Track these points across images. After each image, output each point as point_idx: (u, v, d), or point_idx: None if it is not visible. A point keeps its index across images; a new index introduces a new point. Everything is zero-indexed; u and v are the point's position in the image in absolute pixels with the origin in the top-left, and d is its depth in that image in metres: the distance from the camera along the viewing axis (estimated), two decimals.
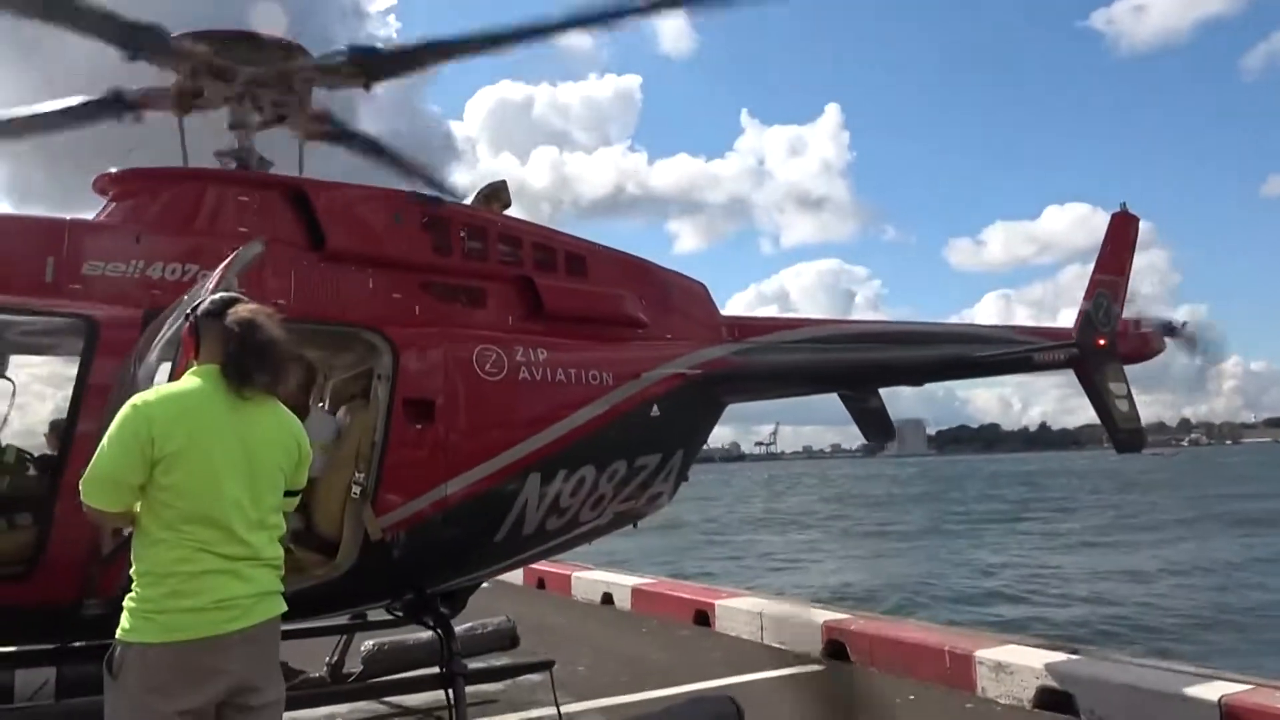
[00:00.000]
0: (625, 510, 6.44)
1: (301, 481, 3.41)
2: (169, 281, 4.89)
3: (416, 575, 5.34)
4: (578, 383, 5.94)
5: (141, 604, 2.96)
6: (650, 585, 10.95)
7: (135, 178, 5.40)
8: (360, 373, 5.71)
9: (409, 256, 5.63)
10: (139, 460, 2.96)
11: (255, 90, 5.65)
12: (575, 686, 7.22)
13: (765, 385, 7.48)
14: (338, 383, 6.21)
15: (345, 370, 6.05)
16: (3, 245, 4.76)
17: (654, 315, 6.68)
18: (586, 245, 6.63)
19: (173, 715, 2.89)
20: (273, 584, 3.18)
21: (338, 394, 6.15)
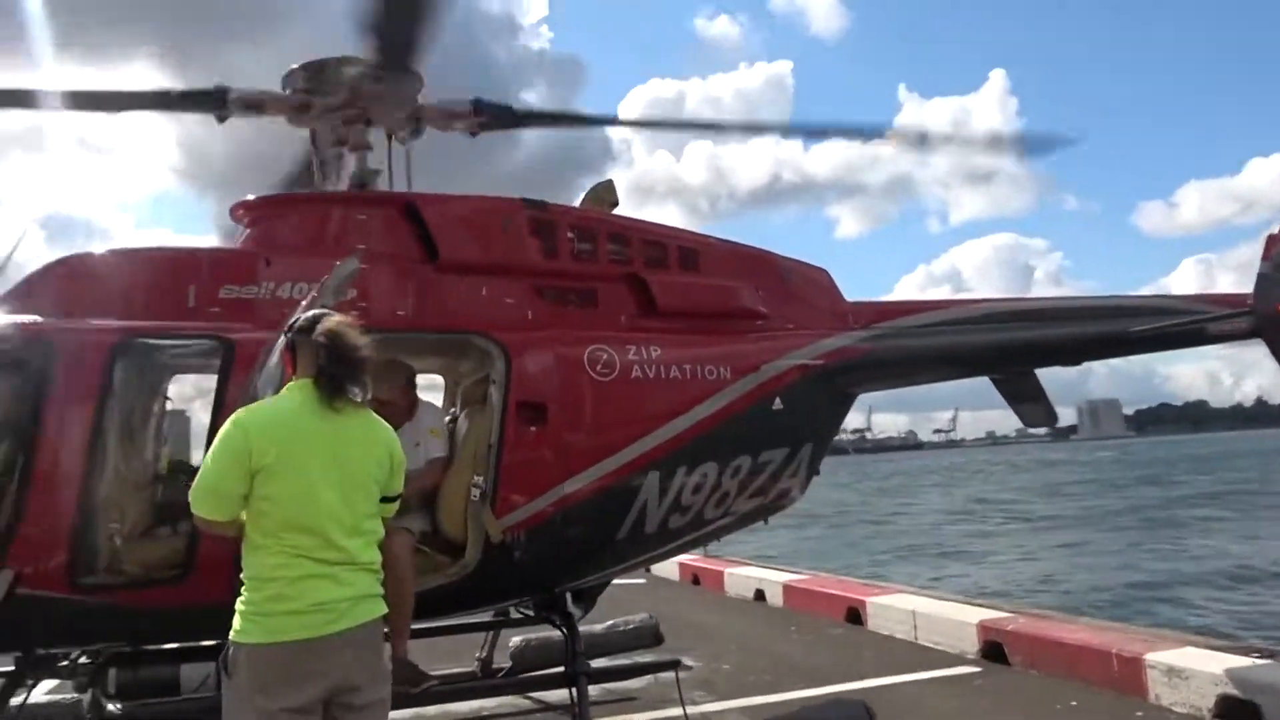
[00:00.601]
0: (753, 507, 6.30)
1: (397, 488, 3.51)
2: (296, 300, 5.15)
3: (540, 574, 5.41)
4: (693, 379, 5.86)
5: (248, 607, 3.13)
6: (802, 582, 10.73)
7: (265, 204, 5.75)
8: (479, 378, 5.85)
9: (519, 261, 5.72)
10: (239, 472, 3.12)
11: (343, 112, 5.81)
12: (718, 685, 7.16)
13: (898, 372, 7.12)
14: (464, 388, 6.39)
15: (467, 376, 6.23)
16: (151, 276, 5.16)
17: (773, 306, 6.51)
18: (699, 239, 6.55)
19: (279, 712, 3.03)
20: (370, 587, 3.28)
21: (464, 399, 6.34)
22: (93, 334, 4.78)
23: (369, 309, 5.30)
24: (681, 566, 13.43)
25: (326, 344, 3.32)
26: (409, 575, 4.82)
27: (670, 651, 7.78)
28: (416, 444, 5.19)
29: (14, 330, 4.77)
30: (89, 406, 4.62)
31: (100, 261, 5.24)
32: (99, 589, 4.50)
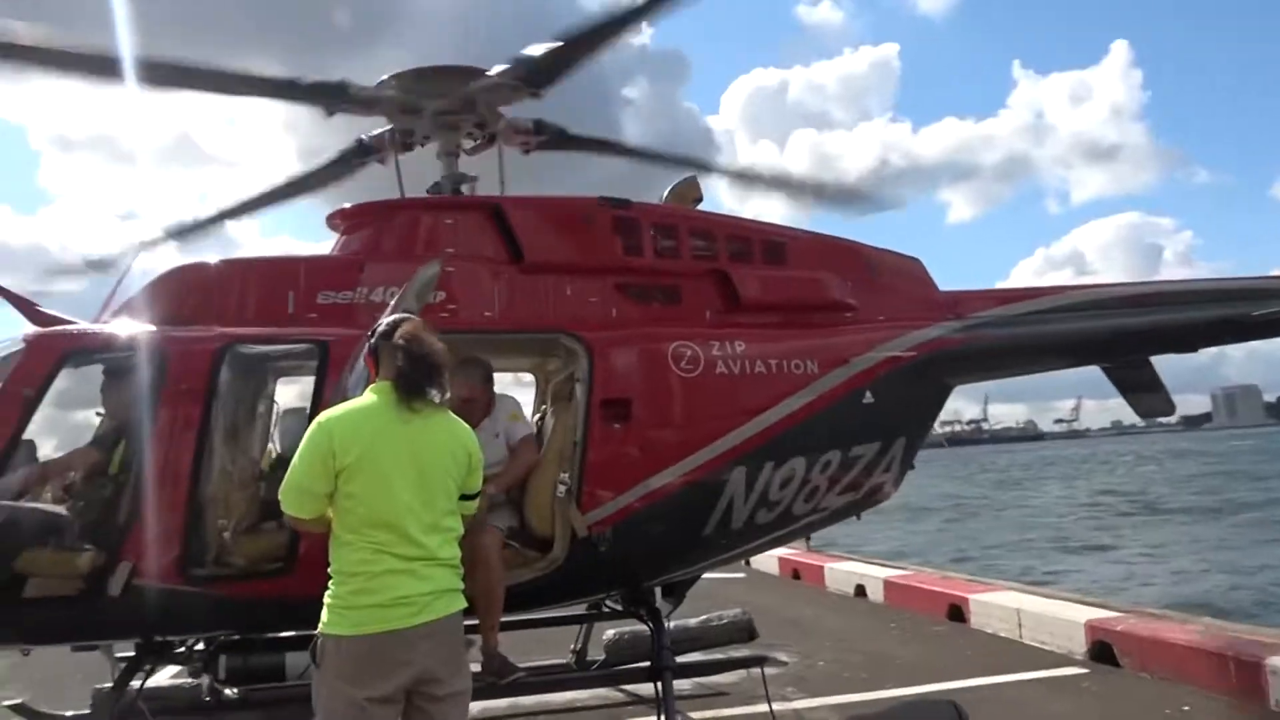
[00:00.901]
0: (844, 502, 6.21)
1: (476, 485, 3.60)
2: (388, 304, 5.35)
3: (626, 569, 5.46)
4: (779, 373, 5.81)
5: (335, 600, 3.27)
6: (903, 578, 10.52)
7: (358, 213, 5.96)
8: (566, 376, 5.94)
9: (602, 260, 5.79)
10: (323, 471, 3.27)
11: (451, 119, 6.02)
12: (812, 682, 7.10)
13: (997, 362, 6.90)
14: (553, 385, 6.49)
15: (555, 374, 6.33)
16: (255, 285, 5.41)
17: (863, 297, 6.39)
18: (784, 231, 6.48)
19: (364, 700, 3.16)
20: (450, 582, 3.38)
21: (552, 396, 6.44)
22: (201, 340, 5.06)
23: (457, 310, 5.49)
24: (782, 561, 13.34)
25: (404, 348, 3.43)
26: (498, 571, 4.94)
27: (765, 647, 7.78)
28: (496, 435, 5.29)
29: (131, 337, 5.10)
30: (198, 409, 4.88)
31: (209, 271, 5.53)
32: (208, 580, 4.76)
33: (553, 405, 6.12)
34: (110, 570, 4.61)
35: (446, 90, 5.83)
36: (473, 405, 4.95)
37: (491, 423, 5.36)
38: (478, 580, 4.84)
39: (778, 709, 6.09)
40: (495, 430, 5.30)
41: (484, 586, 4.86)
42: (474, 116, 6.07)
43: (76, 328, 5.25)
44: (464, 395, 4.66)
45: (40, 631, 4.84)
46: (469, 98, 5.88)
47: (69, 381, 5.08)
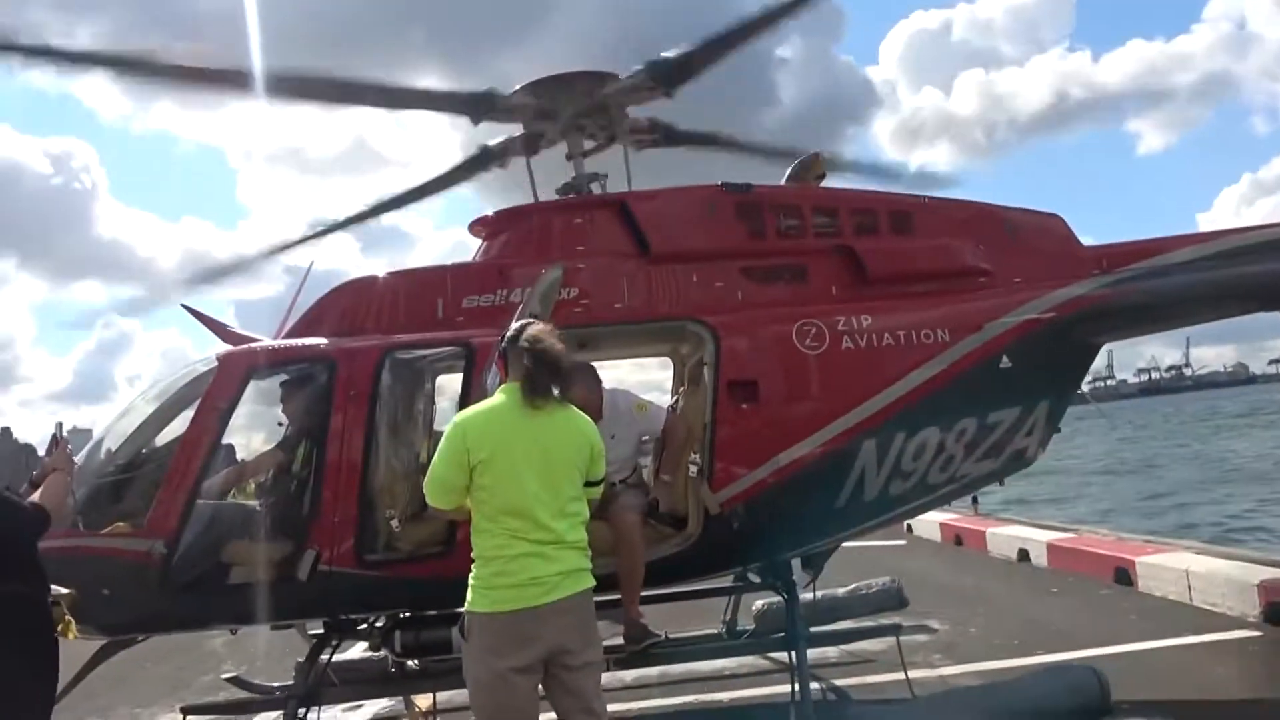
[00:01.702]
0: (985, 469, 6.16)
1: (600, 472, 3.89)
2: None
3: (760, 543, 5.65)
4: (908, 344, 5.82)
5: (477, 581, 3.64)
6: (1067, 541, 10.19)
7: (496, 219, 6.37)
8: (697, 360, 6.16)
9: (725, 245, 5.96)
10: (459, 466, 3.63)
11: (581, 121, 6.34)
12: (961, 649, 7.08)
13: (1146, 316, 6.59)
14: (688, 369, 6.73)
15: (688, 359, 6.56)
16: (408, 294, 5.90)
17: (998, 261, 6.29)
18: (912, 200, 6.45)
19: (506, 670, 3.52)
20: (578, 563, 3.69)
21: (687, 380, 6.68)
22: (363, 349, 5.59)
23: (590, 304, 5.82)
24: (944, 527, 13.15)
25: (529, 350, 3.74)
26: (638, 548, 5.24)
27: (918, 615, 7.82)
28: (612, 436, 5.33)
29: (304, 349, 5.71)
30: (363, 411, 5.41)
31: (369, 285, 6.06)
32: (381, 564, 5.30)
33: (688, 388, 6.37)
34: (298, 558, 5.19)
35: (582, 95, 6.12)
36: (588, 409, 5.17)
37: (605, 426, 5.50)
38: (621, 557, 5.20)
39: (924, 675, 6.17)
40: (611, 431, 5.36)
41: (626, 563, 5.20)
42: (604, 119, 6.35)
43: (259, 345, 5.90)
44: (580, 400, 4.90)
45: (243, 613, 5.52)
46: (602, 101, 6.17)
47: (256, 392, 5.74)
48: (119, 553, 5.19)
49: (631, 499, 5.46)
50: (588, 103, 6.19)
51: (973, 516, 13.02)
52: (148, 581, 5.12)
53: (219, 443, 5.56)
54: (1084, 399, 7.06)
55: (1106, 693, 5.18)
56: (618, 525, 5.22)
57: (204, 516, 5.36)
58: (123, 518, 5.37)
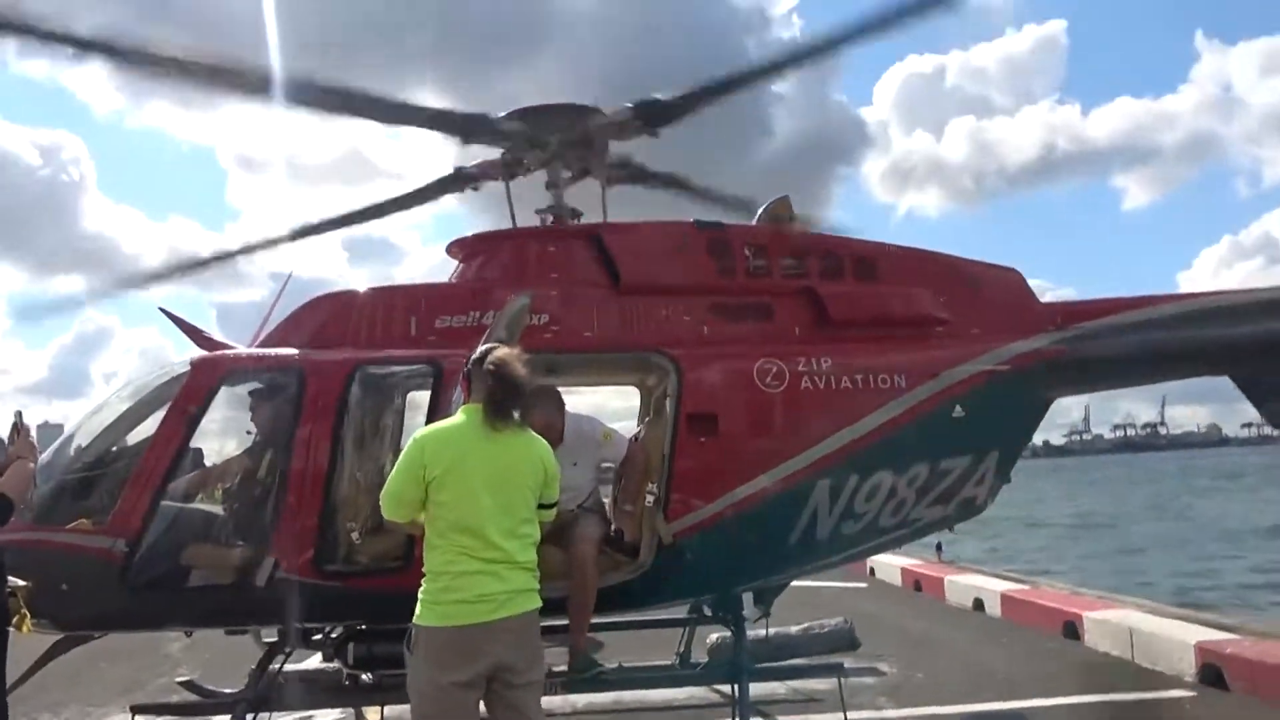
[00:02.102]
0: (935, 515, 6.32)
1: (553, 496, 4.03)
2: None
3: (711, 576, 5.77)
4: (866, 388, 5.98)
5: (426, 595, 3.75)
6: (1021, 593, 10.38)
7: (473, 242, 6.54)
8: (660, 392, 6.32)
9: (694, 281, 6.13)
10: (416, 481, 3.75)
11: (564, 151, 6.52)
12: (906, 692, 7.21)
13: (1102, 374, 6.80)
14: (652, 400, 6.88)
15: (652, 390, 6.71)
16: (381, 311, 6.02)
17: (957, 311, 6.47)
18: (876, 247, 6.64)
19: (448, 684, 3.63)
20: (527, 583, 3.80)
21: (652, 410, 6.82)
22: (333, 362, 5.71)
23: (560, 332, 5.96)
24: (904, 572, 13.31)
25: (493, 374, 3.88)
26: (591, 579, 5.35)
27: (869, 657, 7.93)
28: (574, 462, 5.50)
29: (276, 359, 5.83)
30: (331, 423, 5.52)
31: (345, 300, 6.18)
32: (338, 575, 5.38)
33: (651, 418, 6.52)
34: (257, 564, 5.28)
35: (569, 126, 6.29)
36: (549, 434, 5.27)
37: (565, 451, 5.44)
38: (574, 586, 5.31)
39: (867, 716, 6.28)
40: (573, 458, 5.49)
41: (578, 592, 5.31)
42: (584, 151, 6.52)
43: (232, 352, 6.01)
44: (540, 425, 4.99)
45: (200, 616, 5.61)
46: (588, 134, 6.35)
47: (226, 398, 5.84)
48: (80, 549, 5.25)
49: (590, 528, 5.56)
50: (574, 134, 6.36)
51: (934, 563, 13.18)
52: (107, 579, 5.18)
53: (187, 446, 5.64)
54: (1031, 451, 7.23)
55: None
56: (574, 554, 5.34)
57: (167, 518, 5.44)
58: (86, 514, 5.42)
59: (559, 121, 6.32)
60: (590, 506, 5.82)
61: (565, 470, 4.81)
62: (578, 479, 5.63)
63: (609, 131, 6.40)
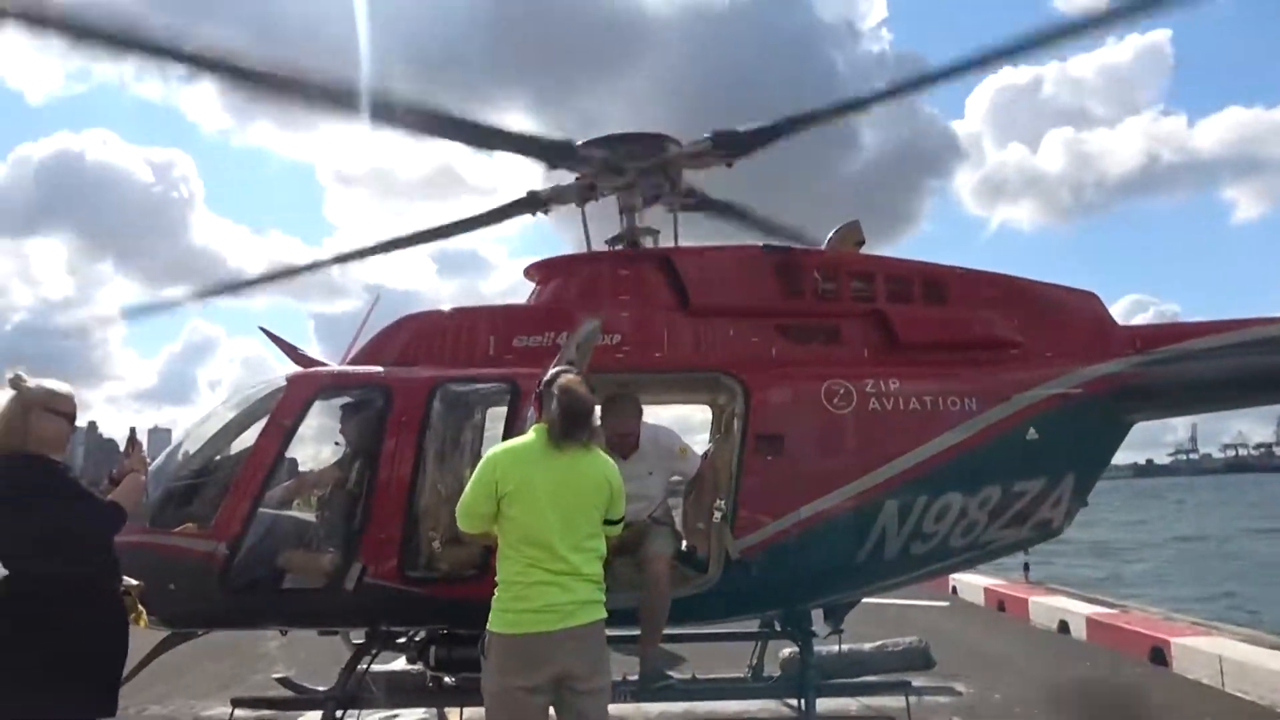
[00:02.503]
0: (1008, 536, 6.30)
1: (619, 512, 4.20)
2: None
3: (778, 592, 5.89)
4: (934, 410, 6.02)
5: (498, 603, 3.97)
6: (1107, 616, 10.11)
7: (549, 265, 6.80)
8: (730, 411, 6.45)
9: (762, 304, 6.27)
10: (488, 496, 3.98)
11: (640, 179, 6.72)
12: (979, 712, 7.14)
13: (1180, 398, 6.69)
14: (723, 419, 7.01)
15: (723, 409, 6.85)
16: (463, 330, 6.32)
17: (1030, 335, 6.46)
18: (947, 271, 6.67)
19: (515, 689, 3.83)
20: (591, 595, 3.98)
21: (723, 429, 6.96)
22: (417, 379, 6.04)
23: (631, 352, 6.17)
24: (988, 592, 13.08)
25: (559, 398, 4.09)
26: (664, 595, 5.50)
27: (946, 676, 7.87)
28: (650, 472, 5.75)
29: (364, 376, 6.18)
30: (414, 437, 5.84)
31: (429, 320, 6.54)
32: (421, 581, 5.68)
33: (721, 436, 6.66)
34: (346, 569, 5.62)
35: (649, 155, 6.51)
36: (627, 439, 5.53)
37: (641, 459, 5.81)
38: (646, 600, 5.48)
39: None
40: (648, 468, 5.71)
41: (650, 606, 5.47)
42: (659, 179, 6.71)
43: (325, 369, 6.40)
44: (620, 431, 5.24)
45: (293, 617, 5.98)
46: (665, 163, 6.55)
47: (318, 413, 6.22)
48: (186, 551, 5.66)
49: (663, 545, 5.71)
50: (651, 162, 6.56)
51: (1019, 584, 12.92)
52: (209, 580, 5.58)
53: (282, 457, 6.04)
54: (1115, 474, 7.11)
55: None
56: (648, 570, 5.51)
57: (264, 524, 5.83)
58: (192, 519, 5.85)
59: (638, 150, 6.53)
60: (660, 517, 5.99)
61: (640, 479, 5.02)
62: (651, 488, 5.80)
63: (686, 161, 6.61)
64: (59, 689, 3.76)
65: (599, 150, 6.50)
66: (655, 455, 5.84)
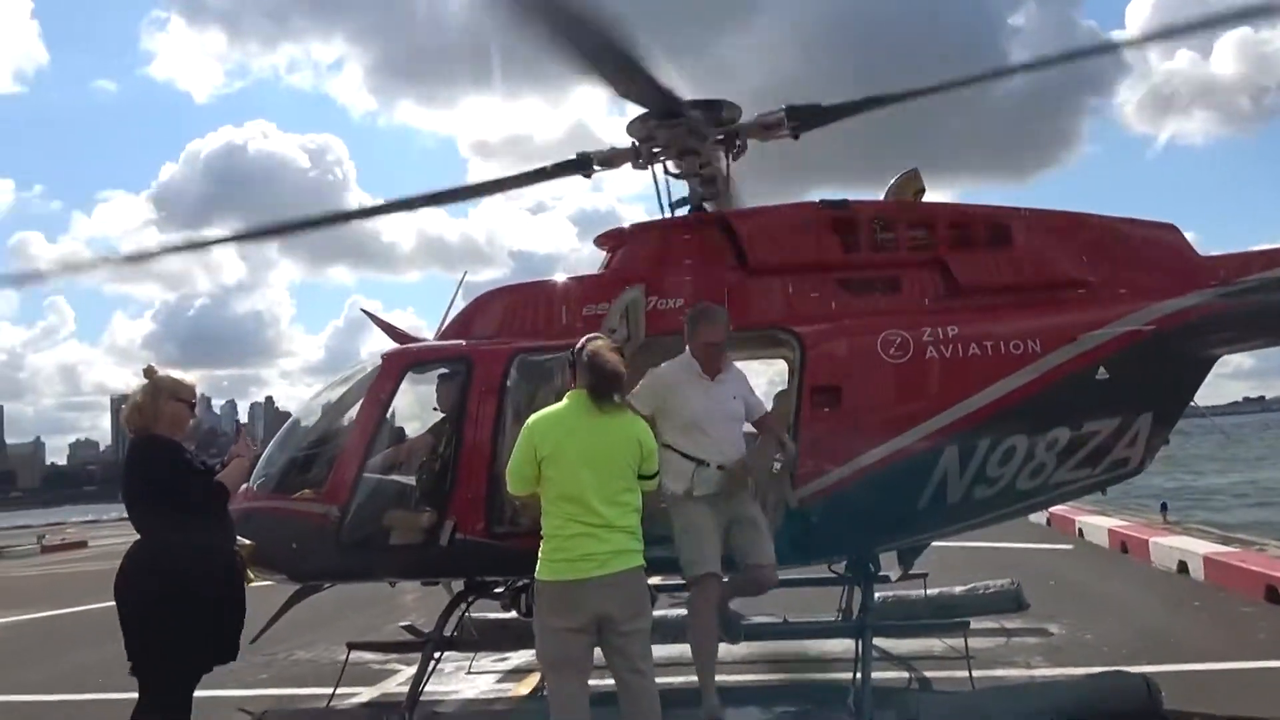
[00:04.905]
0: (1082, 477, 6.28)
1: (652, 468, 4.51)
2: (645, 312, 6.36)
3: (840, 538, 6.10)
4: (995, 354, 6.02)
5: (542, 555, 4.37)
6: (1224, 555, 9.73)
7: (616, 235, 7.13)
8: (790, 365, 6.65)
9: (819, 258, 6.41)
10: (529, 459, 4.38)
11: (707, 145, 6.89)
12: (1066, 653, 7.16)
13: (1259, 329, 6.44)
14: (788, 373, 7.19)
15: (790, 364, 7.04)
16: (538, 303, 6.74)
17: (1101, 272, 6.34)
18: (1011, 212, 6.60)
19: (560, 629, 4.25)
20: (626, 544, 4.32)
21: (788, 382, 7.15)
22: (496, 351, 6.53)
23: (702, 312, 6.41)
24: (1111, 533, 12.73)
25: (589, 365, 4.46)
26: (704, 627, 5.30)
27: (1042, 618, 7.95)
28: (734, 396, 5.49)
29: (448, 350, 6.74)
30: (495, 404, 6.35)
31: (505, 295, 7.02)
32: (506, 535, 6.19)
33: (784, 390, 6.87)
34: (441, 526, 6.19)
35: (720, 123, 6.63)
36: (717, 349, 5.39)
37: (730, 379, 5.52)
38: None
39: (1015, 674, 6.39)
40: (733, 392, 5.51)
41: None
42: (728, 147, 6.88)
43: (415, 346, 6.99)
44: (713, 340, 5.32)
45: (398, 569, 6.65)
46: (735, 132, 6.70)
47: (410, 385, 6.83)
48: (305, 514, 6.36)
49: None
50: (721, 130, 6.72)
51: (1142, 524, 12.50)
52: (325, 538, 6.25)
53: (382, 426, 6.68)
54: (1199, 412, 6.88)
55: (1158, 703, 5.27)
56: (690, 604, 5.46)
57: (369, 487, 6.49)
58: (308, 484, 6.58)
59: (710, 116, 6.68)
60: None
61: (725, 403, 5.27)
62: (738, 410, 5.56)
63: (755, 132, 6.73)
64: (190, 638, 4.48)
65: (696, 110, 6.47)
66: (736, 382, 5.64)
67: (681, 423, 5.25)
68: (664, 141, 6.83)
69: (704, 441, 5.25)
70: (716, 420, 5.30)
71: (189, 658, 4.54)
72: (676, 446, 5.22)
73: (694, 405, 5.27)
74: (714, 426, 5.28)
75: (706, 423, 5.27)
